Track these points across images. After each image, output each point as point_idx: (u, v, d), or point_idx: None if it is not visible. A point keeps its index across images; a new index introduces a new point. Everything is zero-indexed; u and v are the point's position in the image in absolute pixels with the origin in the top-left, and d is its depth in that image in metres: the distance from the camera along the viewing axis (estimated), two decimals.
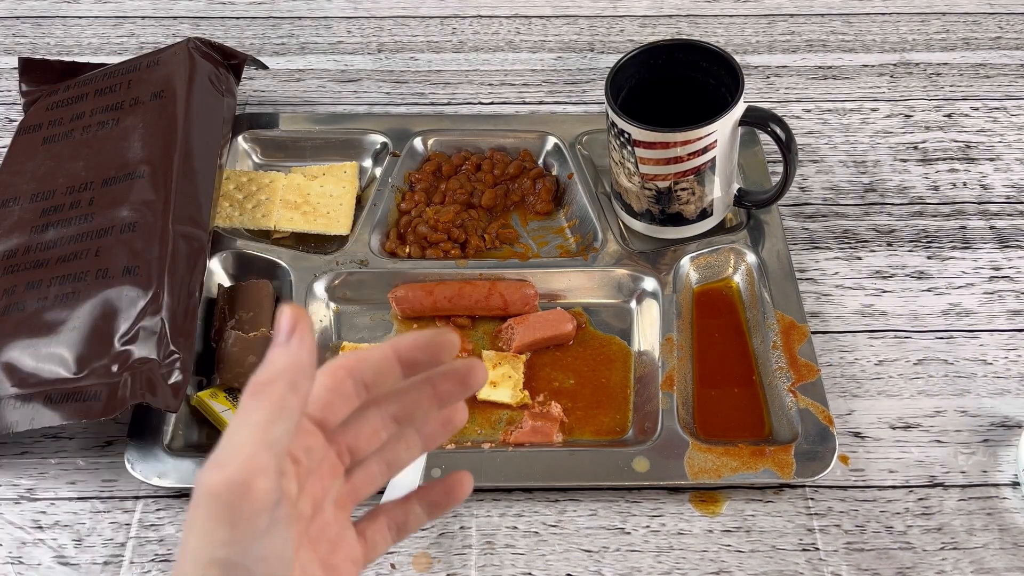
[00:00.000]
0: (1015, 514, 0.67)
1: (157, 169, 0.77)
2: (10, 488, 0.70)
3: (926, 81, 0.96)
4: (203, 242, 0.75)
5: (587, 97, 0.95)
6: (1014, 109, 0.93)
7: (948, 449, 0.71)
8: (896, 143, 0.90)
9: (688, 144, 0.72)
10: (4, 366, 0.70)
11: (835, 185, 0.87)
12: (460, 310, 0.77)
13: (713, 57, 0.77)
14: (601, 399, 0.73)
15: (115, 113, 0.83)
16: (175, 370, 0.68)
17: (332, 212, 0.84)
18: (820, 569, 0.65)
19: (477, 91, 0.96)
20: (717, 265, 0.80)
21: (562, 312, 0.77)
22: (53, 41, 1.02)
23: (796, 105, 0.94)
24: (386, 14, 1.04)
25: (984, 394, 0.73)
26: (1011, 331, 0.77)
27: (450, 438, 0.71)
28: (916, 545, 0.66)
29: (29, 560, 0.66)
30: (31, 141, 0.84)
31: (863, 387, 0.74)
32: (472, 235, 0.82)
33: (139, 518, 0.68)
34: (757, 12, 1.03)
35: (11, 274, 0.74)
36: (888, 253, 0.82)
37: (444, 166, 0.87)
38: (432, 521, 0.45)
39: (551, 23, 1.03)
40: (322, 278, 0.78)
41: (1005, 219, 0.84)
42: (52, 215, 0.77)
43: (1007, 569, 0.65)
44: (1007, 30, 1.00)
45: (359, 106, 0.95)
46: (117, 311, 0.70)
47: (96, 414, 0.66)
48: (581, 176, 0.85)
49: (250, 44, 1.01)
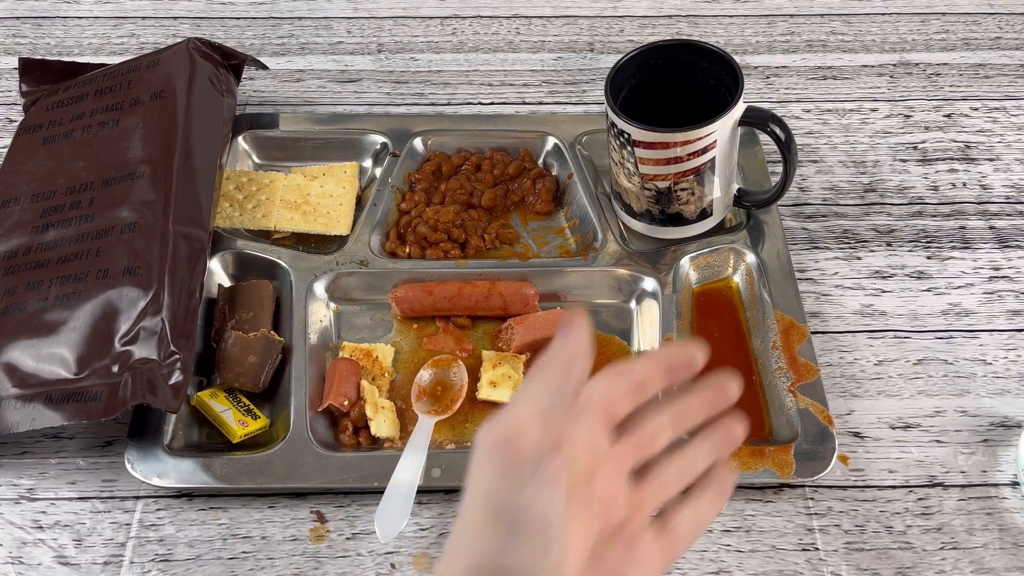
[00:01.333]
0: (1015, 514, 0.67)
1: (157, 169, 0.77)
2: (10, 488, 0.70)
3: (926, 81, 0.96)
4: (203, 242, 0.75)
5: (587, 97, 0.95)
6: (1014, 109, 0.93)
7: (948, 449, 0.71)
8: (896, 143, 0.90)
9: (688, 144, 0.72)
10: (5, 366, 0.70)
11: (835, 185, 0.87)
12: (460, 310, 0.77)
13: (713, 57, 0.77)
14: None
15: (115, 113, 0.83)
16: (175, 370, 0.68)
17: (332, 212, 0.84)
18: (820, 569, 0.65)
19: (477, 91, 0.96)
20: (717, 265, 0.80)
21: (562, 312, 0.77)
22: (53, 41, 1.02)
23: (796, 105, 0.94)
24: (386, 14, 1.04)
25: (984, 394, 0.73)
26: (1011, 331, 0.77)
27: (454, 439, 0.71)
28: (916, 545, 0.66)
29: (29, 560, 0.66)
30: (31, 141, 0.85)
31: (863, 387, 0.74)
32: (472, 235, 0.82)
33: (139, 518, 0.68)
34: (757, 12, 1.03)
35: (11, 274, 0.74)
36: (888, 253, 0.82)
37: (444, 166, 0.87)
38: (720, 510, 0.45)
39: (551, 23, 1.03)
40: (322, 278, 0.79)
41: (1005, 219, 0.84)
42: (52, 215, 0.77)
43: (1007, 569, 0.65)
44: (1007, 30, 1.00)
45: (359, 106, 0.95)
46: (117, 311, 0.70)
47: (97, 414, 0.66)
48: (581, 176, 0.85)
49: (250, 44, 1.01)
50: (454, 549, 0.40)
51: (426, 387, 0.73)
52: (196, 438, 0.72)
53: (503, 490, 0.38)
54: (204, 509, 0.69)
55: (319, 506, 0.69)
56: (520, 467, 0.38)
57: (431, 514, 0.68)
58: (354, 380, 0.73)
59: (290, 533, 0.67)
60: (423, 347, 0.77)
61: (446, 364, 0.74)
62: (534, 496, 0.38)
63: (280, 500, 0.69)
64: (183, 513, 0.68)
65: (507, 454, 0.39)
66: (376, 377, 0.74)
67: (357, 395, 0.72)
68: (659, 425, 0.44)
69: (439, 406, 0.72)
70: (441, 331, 0.78)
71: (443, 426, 0.72)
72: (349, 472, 0.68)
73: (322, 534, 0.67)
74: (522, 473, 0.38)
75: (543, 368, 0.41)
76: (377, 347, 0.76)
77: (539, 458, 0.39)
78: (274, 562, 0.66)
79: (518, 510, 0.38)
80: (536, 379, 0.41)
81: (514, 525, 0.38)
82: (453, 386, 0.73)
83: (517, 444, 0.39)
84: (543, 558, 0.38)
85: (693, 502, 0.45)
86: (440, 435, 0.72)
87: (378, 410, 0.71)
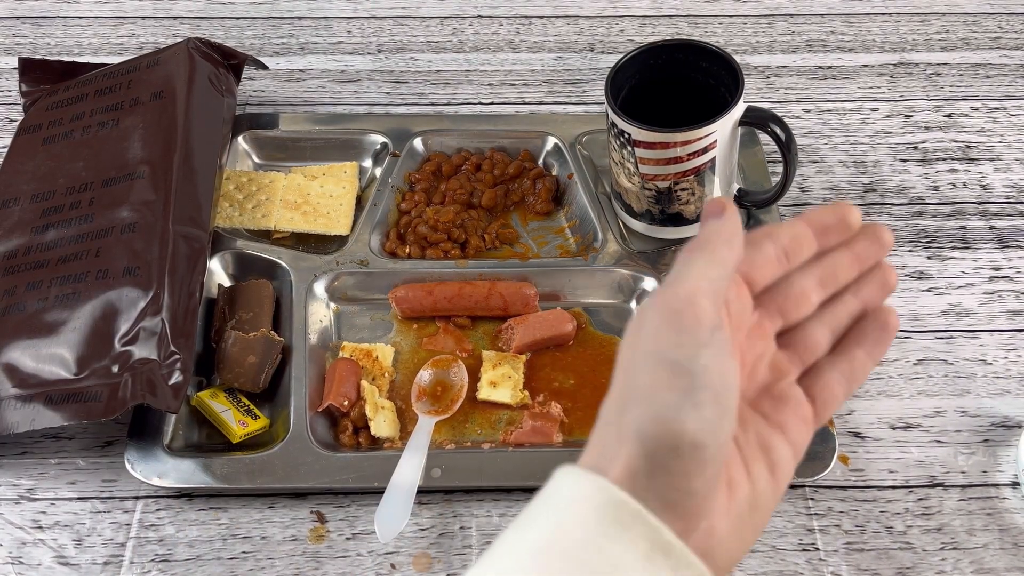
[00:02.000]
0: (1015, 514, 0.67)
1: (157, 169, 0.77)
2: (10, 488, 0.70)
3: (926, 81, 0.96)
4: (203, 242, 0.75)
5: (587, 97, 0.95)
6: (1014, 109, 0.93)
7: (948, 449, 0.71)
8: (896, 143, 0.90)
9: (688, 144, 0.72)
10: (5, 367, 0.70)
11: (835, 185, 0.87)
12: (460, 310, 0.77)
13: (713, 57, 0.77)
14: (601, 399, 0.72)
15: (115, 113, 0.83)
16: (175, 371, 0.68)
17: (332, 212, 0.84)
18: (820, 569, 0.65)
19: (477, 91, 0.96)
20: None
21: (562, 312, 0.77)
22: (53, 41, 1.02)
23: (796, 105, 0.94)
24: (386, 14, 1.04)
25: (984, 394, 0.73)
26: (1011, 331, 0.77)
27: (454, 439, 0.71)
28: (916, 545, 0.66)
29: (29, 560, 0.66)
30: (31, 141, 0.84)
31: (863, 387, 0.74)
32: (472, 235, 0.82)
33: (139, 518, 0.68)
34: (757, 12, 1.03)
35: (11, 275, 0.74)
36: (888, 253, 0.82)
37: (444, 166, 0.87)
38: (880, 356, 0.46)
39: (551, 23, 1.03)
40: (322, 278, 0.79)
41: (1005, 219, 0.84)
42: (52, 215, 0.77)
43: (1007, 569, 0.65)
44: (1007, 30, 1.00)
45: (359, 106, 0.95)
46: (117, 312, 0.70)
47: (97, 415, 0.66)
48: (581, 176, 0.85)
49: (250, 44, 1.01)
50: (619, 404, 0.40)
51: (426, 387, 0.73)
52: (196, 438, 0.72)
53: (682, 352, 0.38)
54: (204, 509, 0.69)
55: (319, 506, 0.69)
56: (698, 333, 0.38)
57: (431, 514, 0.68)
58: (354, 380, 0.73)
59: (290, 533, 0.67)
60: (423, 347, 0.77)
61: (446, 364, 0.74)
62: (714, 362, 0.38)
63: (280, 500, 0.69)
64: (183, 513, 0.68)
65: (687, 320, 0.39)
66: (376, 377, 0.74)
67: (357, 395, 0.72)
68: (803, 289, 0.44)
69: (439, 406, 0.72)
70: (441, 331, 0.78)
71: (443, 426, 0.72)
72: (349, 472, 0.68)
73: (322, 534, 0.67)
74: (700, 339, 0.38)
75: (704, 246, 0.41)
76: (377, 347, 0.76)
77: (715, 327, 0.39)
78: (274, 562, 0.66)
79: (698, 372, 0.38)
80: (700, 255, 0.40)
81: (693, 387, 0.38)
82: (453, 386, 0.73)
83: (695, 312, 0.39)
84: (721, 421, 0.38)
85: (843, 359, 0.45)
86: (440, 435, 0.72)
87: (378, 410, 0.71)
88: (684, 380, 0.38)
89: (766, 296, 0.44)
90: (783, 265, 0.44)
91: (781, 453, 0.42)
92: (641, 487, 0.37)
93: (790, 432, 0.42)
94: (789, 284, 0.44)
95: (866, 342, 0.45)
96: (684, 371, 0.38)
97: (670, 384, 0.38)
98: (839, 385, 0.44)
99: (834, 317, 0.45)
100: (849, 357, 0.44)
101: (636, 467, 0.37)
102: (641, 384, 0.39)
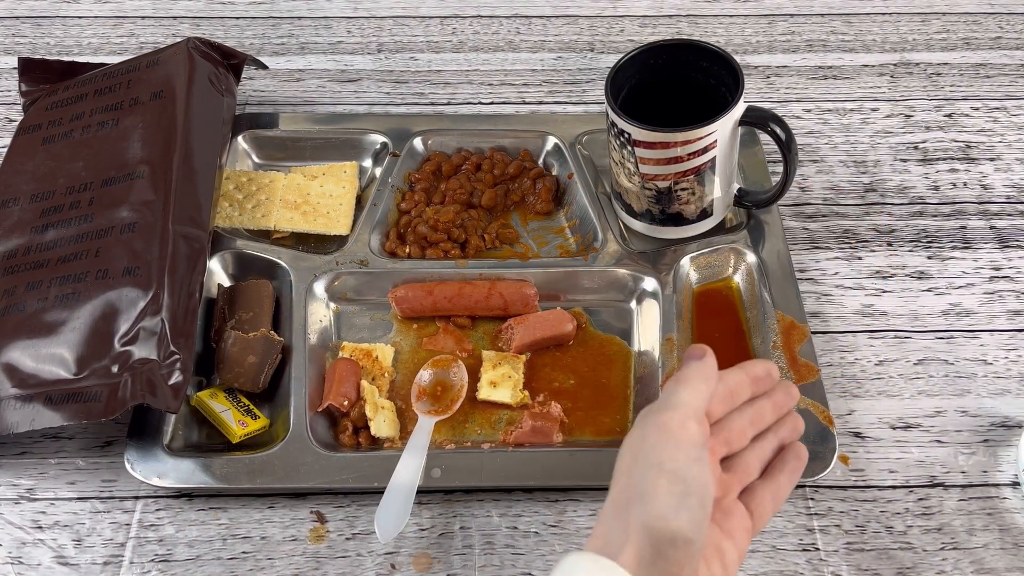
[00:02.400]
0: (1015, 514, 0.67)
1: (157, 169, 0.77)
2: (10, 488, 0.70)
3: (926, 81, 0.96)
4: (203, 242, 0.75)
5: (587, 97, 0.95)
6: (1014, 109, 0.93)
7: (948, 449, 0.71)
8: (896, 143, 0.90)
9: (688, 144, 0.72)
10: (4, 367, 0.70)
11: (835, 185, 0.87)
12: (460, 310, 0.77)
13: (713, 57, 0.77)
14: (601, 399, 0.73)
15: (115, 113, 0.83)
16: (175, 371, 0.68)
17: (332, 212, 0.84)
18: (820, 569, 0.65)
19: (477, 91, 0.96)
20: (717, 265, 0.80)
21: (562, 312, 0.77)
22: (53, 41, 1.02)
23: (796, 105, 0.94)
24: (386, 14, 1.04)
25: (984, 394, 0.73)
26: (1011, 331, 0.77)
27: (454, 439, 0.71)
28: (916, 545, 0.66)
29: (29, 560, 0.66)
30: (31, 141, 0.84)
31: (863, 387, 0.74)
32: (472, 235, 0.82)
33: (139, 518, 0.68)
34: (757, 12, 1.03)
35: (11, 275, 0.74)
36: (888, 253, 0.82)
37: (444, 166, 0.87)
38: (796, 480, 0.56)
39: (551, 23, 1.03)
40: (322, 278, 0.78)
41: (1005, 219, 0.84)
42: (52, 215, 0.77)
43: (1007, 569, 0.65)
44: (1007, 30, 1.00)
45: (359, 106, 0.95)
46: (117, 311, 0.70)
47: (96, 415, 0.66)
48: (581, 176, 0.85)
49: (250, 44, 1.01)
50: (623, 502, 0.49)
51: (426, 387, 0.73)
52: (196, 438, 0.72)
53: (677, 464, 0.48)
54: (204, 509, 0.68)
55: (319, 506, 0.69)
56: (690, 450, 0.49)
57: (431, 514, 0.68)
58: (354, 380, 0.73)
59: (290, 533, 0.67)
60: (423, 347, 0.77)
61: (446, 364, 0.74)
62: (700, 473, 0.48)
63: (280, 500, 0.69)
64: (183, 513, 0.68)
65: (682, 437, 0.49)
66: (376, 377, 0.74)
67: (357, 395, 0.72)
68: (742, 426, 0.54)
69: (439, 406, 0.72)
70: (441, 331, 0.78)
71: (443, 426, 0.72)
72: (349, 472, 0.68)
73: (322, 534, 0.67)
74: (692, 455, 0.49)
75: (689, 379, 0.52)
76: (377, 347, 0.76)
77: (703, 445, 0.50)
78: (274, 562, 0.66)
79: (689, 480, 0.48)
80: (686, 387, 0.51)
81: (685, 493, 0.47)
82: (453, 386, 0.73)
83: (688, 434, 0.49)
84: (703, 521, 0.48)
85: (771, 483, 0.55)
86: (440, 435, 0.71)
87: (378, 410, 0.71)
88: (679, 487, 0.47)
89: (715, 427, 0.54)
90: (729, 403, 0.54)
91: (730, 556, 0.52)
92: (644, 572, 0.46)
93: (736, 538, 0.52)
94: (731, 420, 0.54)
95: (786, 469, 0.55)
96: (679, 479, 0.48)
97: (669, 489, 0.47)
98: (769, 502, 0.54)
99: (762, 450, 0.55)
100: (775, 481, 0.55)
101: (643, 555, 0.47)
102: (645, 487, 0.48)
